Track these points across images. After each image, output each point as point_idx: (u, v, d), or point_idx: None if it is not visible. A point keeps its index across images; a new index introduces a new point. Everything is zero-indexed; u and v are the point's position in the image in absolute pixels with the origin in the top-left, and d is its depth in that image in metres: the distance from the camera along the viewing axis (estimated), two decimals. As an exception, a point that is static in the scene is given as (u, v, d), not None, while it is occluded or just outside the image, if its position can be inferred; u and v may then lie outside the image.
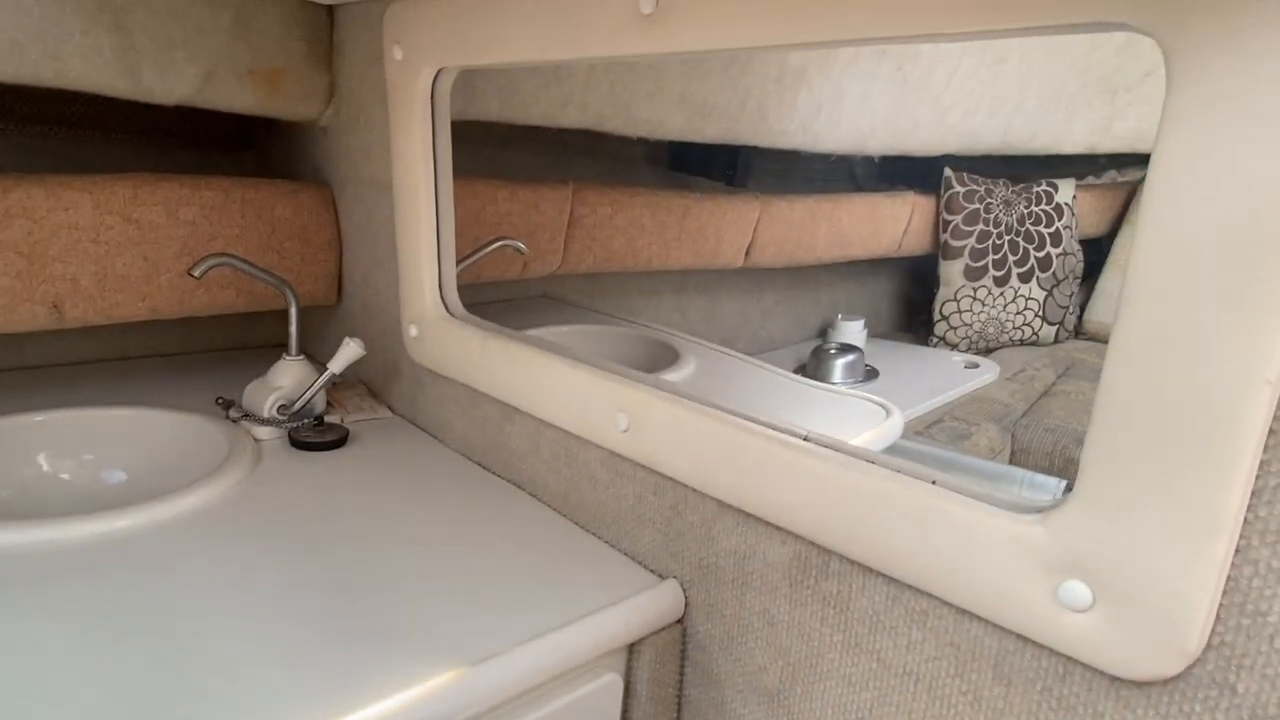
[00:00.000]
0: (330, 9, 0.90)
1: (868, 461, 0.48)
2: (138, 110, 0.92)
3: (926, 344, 1.31)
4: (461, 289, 0.86)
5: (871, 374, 1.27)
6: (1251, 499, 0.34)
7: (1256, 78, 0.30)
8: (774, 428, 0.53)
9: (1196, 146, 0.32)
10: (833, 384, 1.38)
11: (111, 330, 1.01)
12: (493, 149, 0.99)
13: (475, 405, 0.80)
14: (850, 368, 1.27)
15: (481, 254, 0.98)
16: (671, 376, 1.01)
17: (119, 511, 0.63)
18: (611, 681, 0.58)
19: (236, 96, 0.86)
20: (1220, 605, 0.35)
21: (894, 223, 1.32)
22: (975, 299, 1.27)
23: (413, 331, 0.84)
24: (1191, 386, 0.33)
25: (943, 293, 1.27)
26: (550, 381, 0.69)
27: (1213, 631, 0.35)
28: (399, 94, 0.76)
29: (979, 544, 0.42)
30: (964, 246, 1.25)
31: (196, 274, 0.76)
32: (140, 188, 0.82)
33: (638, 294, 1.32)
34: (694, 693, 0.62)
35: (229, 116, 0.96)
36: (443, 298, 0.82)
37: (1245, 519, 0.34)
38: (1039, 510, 0.40)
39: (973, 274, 1.25)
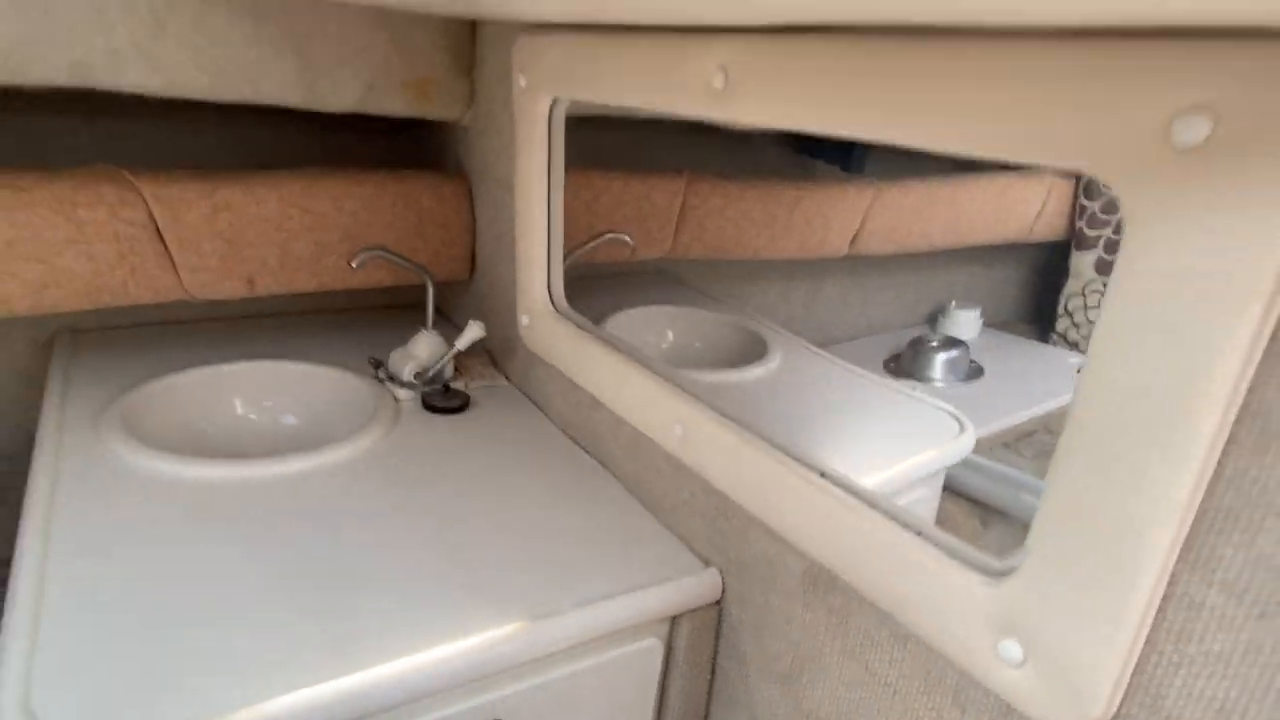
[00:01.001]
0: (473, 24, 1.01)
1: (869, 505, 0.55)
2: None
3: (1046, 340, 1.28)
4: (582, 265, 0.97)
5: (975, 372, 1.26)
6: (1163, 603, 0.39)
7: (1197, 250, 0.34)
8: (798, 460, 0.61)
9: (1139, 298, 0.36)
10: (931, 379, 1.39)
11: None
12: (615, 131, 1.01)
13: (571, 390, 0.92)
14: (952, 364, 1.26)
15: (591, 245, 1.08)
16: (755, 372, 1.08)
17: (293, 456, 0.81)
18: (653, 645, 0.70)
19: (393, 103, 1.00)
20: (1128, 684, 0.41)
21: (1025, 206, 1.29)
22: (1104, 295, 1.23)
23: (524, 320, 0.97)
24: (1116, 507, 0.39)
25: (1070, 285, 1.23)
26: (624, 384, 0.79)
27: (1120, 705, 0.41)
28: (522, 114, 0.87)
29: (944, 594, 0.48)
30: (1099, 237, 1.20)
31: (355, 265, 0.92)
32: (313, 184, 0.99)
33: (745, 276, 1.37)
34: (726, 664, 0.73)
35: (388, 113, 1.11)
36: (550, 294, 0.94)
37: (1156, 618, 0.39)
38: (995, 574, 0.46)
39: (1105, 267, 1.20)
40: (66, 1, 0.77)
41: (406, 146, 1.31)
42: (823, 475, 0.59)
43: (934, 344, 1.31)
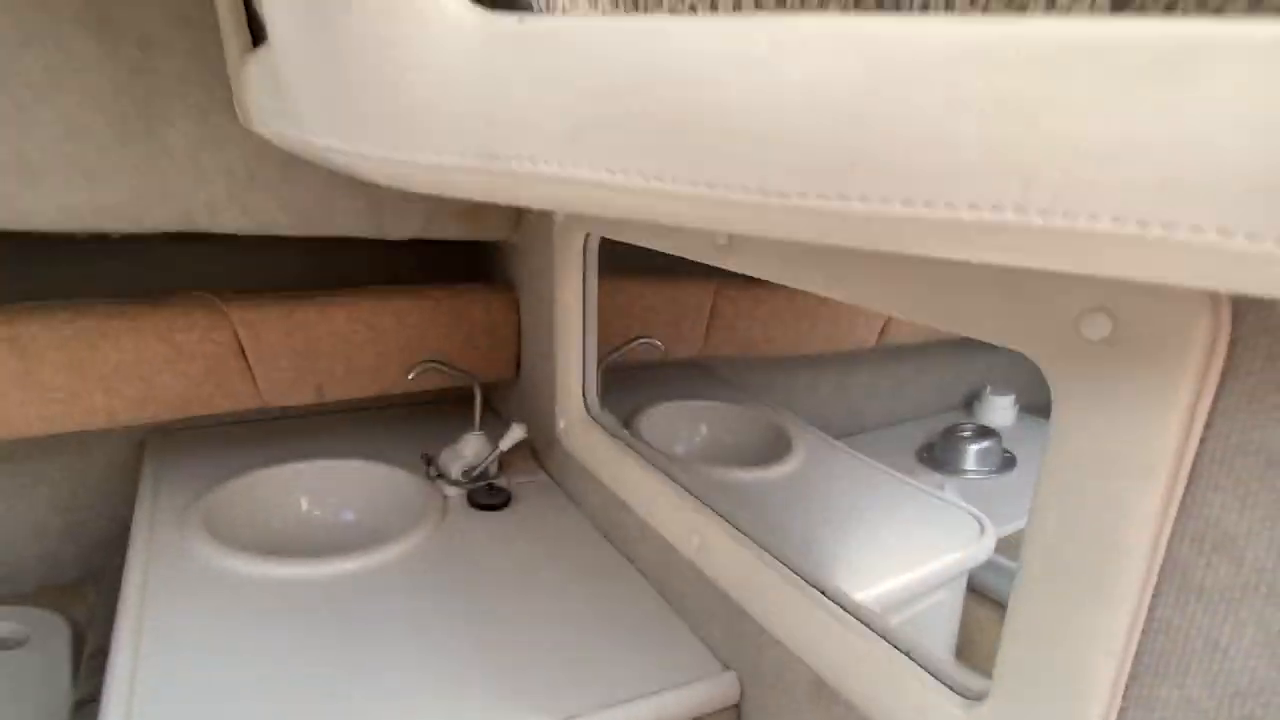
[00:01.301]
0: (519, 157, 1.13)
1: (864, 623, 0.60)
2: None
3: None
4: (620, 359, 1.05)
5: (1008, 463, 1.28)
6: None
7: (1110, 428, 0.40)
8: (802, 576, 0.66)
9: (1068, 467, 0.42)
10: (963, 471, 1.41)
11: (354, 389, 1.33)
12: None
13: (602, 489, 0.99)
14: (984, 455, 1.28)
15: (623, 350, 1.17)
16: (778, 470, 1.13)
17: (349, 556, 0.90)
18: (673, 745, 0.74)
19: (449, 229, 1.12)
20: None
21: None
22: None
23: (561, 424, 1.05)
24: (1065, 647, 0.43)
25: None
26: (648, 491, 0.86)
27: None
28: (560, 244, 0.97)
29: (929, 715, 0.53)
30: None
31: (411, 377, 1.03)
32: (378, 302, 1.11)
33: (776, 365, 1.43)
34: (745, 765, 0.77)
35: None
36: (585, 400, 1.02)
37: None
38: (970, 698, 0.51)
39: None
40: (175, 163, 0.91)
41: (460, 255, 1.44)
42: (823, 593, 0.64)
43: (966, 434, 1.32)
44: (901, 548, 1.00)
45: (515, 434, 1.07)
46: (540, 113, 0.30)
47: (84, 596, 1.20)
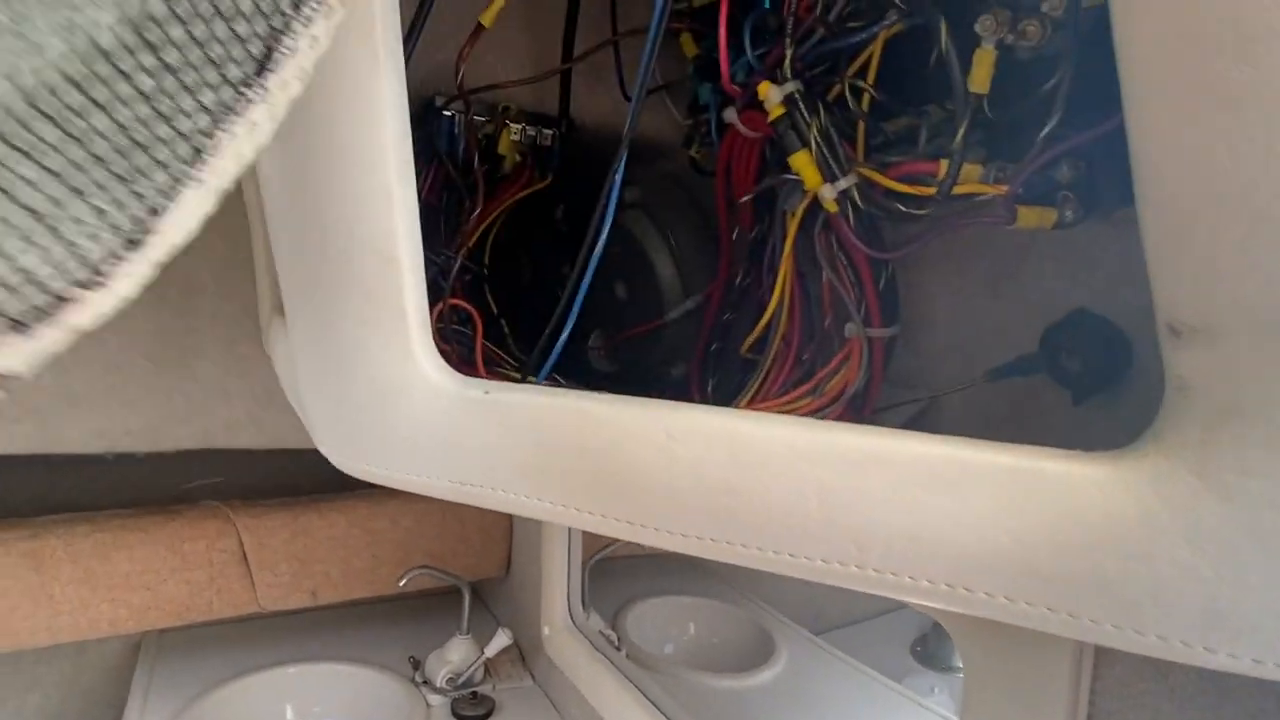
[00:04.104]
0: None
1: None
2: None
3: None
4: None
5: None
6: None
7: (1009, 703, 0.45)
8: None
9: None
10: (955, 668, 1.40)
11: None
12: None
13: (584, 703, 1.00)
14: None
15: (607, 550, 1.21)
16: (762, 676, 1.14)
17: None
18: None
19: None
20: None
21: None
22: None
23: (546, 631, 1.08)
24: None
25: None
26: (624, 709, 0.88)
27: None
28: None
29: None
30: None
31: (402, 584, 1.07)
32: (376, 505, 1.17)
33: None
34: None
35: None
36: (569, 607, 1.05)
37: None
38: None
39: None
40: (203, 389, 1.01)
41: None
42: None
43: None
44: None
45: (500, 641, 1.09)
46: (498, 458, 0.38)
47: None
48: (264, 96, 0.20)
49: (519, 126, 0.57)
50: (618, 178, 0.42)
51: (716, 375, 0.59)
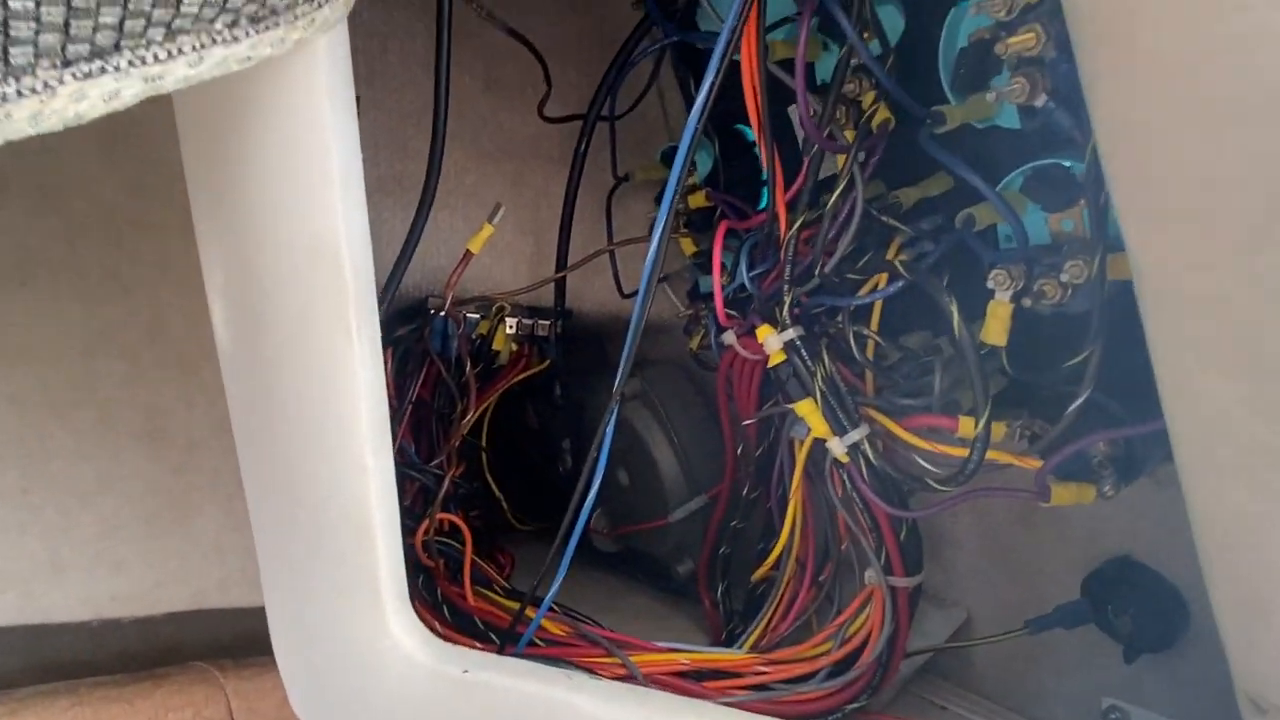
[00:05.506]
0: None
1: None
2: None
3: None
4: None
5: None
6: None
7: None
8: None
9: None
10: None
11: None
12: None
13: None
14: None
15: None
16: None
17: None
18: None
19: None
20: None
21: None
22: None
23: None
24: None
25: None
26: None
27: None
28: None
29: None
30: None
31: (397, 755, 1.00)
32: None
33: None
34: None
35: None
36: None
37: None
38: None
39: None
40: (198, 549, 0.98)
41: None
42: None
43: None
44: None
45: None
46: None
47: None
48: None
49: (515, 320, 0.55)
50: (612, 421, 0.39)
51: (726, 580, 0.55)
